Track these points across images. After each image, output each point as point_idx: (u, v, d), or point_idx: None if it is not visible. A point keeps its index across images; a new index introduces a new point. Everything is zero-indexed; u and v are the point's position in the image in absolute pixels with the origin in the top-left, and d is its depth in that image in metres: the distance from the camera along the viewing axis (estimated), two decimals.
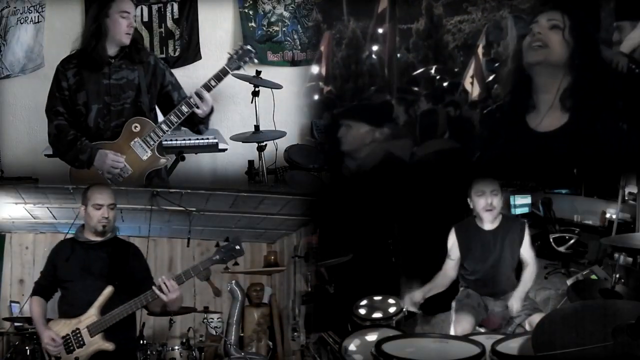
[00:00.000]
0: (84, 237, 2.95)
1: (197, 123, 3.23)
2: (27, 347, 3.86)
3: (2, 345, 4.24)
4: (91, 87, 3.11)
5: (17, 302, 4.76)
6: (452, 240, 3.08)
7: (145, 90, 3.19)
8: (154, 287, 2.73)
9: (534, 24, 2.16)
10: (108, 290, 2.80)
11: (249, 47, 3.26)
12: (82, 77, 3.12)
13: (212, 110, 3.21)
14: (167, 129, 3.12)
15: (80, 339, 2.77)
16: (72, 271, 2.87)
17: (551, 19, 2.14)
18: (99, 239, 2.92)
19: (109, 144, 3.13)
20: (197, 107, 3.10)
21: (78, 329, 2.78)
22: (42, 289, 2.97)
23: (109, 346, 2.77)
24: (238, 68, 3.23)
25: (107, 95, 3.13)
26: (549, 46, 2.13)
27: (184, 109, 3.10)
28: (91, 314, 2.78)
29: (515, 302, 2.89)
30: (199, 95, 3.09)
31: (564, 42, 2.12)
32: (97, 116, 3.13)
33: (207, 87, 3.12)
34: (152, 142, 3.14)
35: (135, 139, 3.13)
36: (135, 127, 3.14)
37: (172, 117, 3.11)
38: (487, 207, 2.96)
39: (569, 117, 2.13)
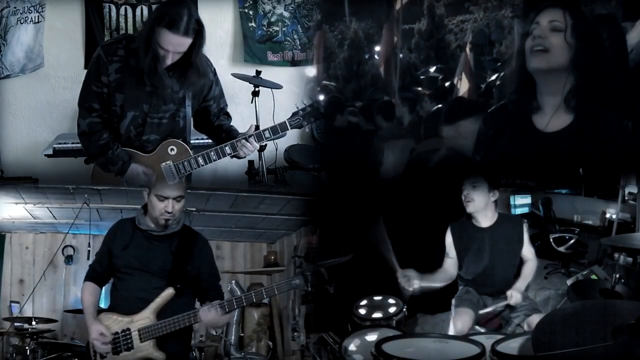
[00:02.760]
0: (146, 224, 2.63)
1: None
2: (27, 347, 3.86)
3: (2, 345, 4.25)
4: (131, 92, 2.78)
5: (17, 302, 4.77)
6: (449, 239, 3.09)
7: (188, 104, 2.93)
8: (200, 312, 2.50)
9: (534, 25, 2.13)
10: (167, 292, 2.54)
11: (318, 106, 3.03)
12: (125, 77, 2.76)
13: None
14: (203, 163, 2.90)
15: (129, 341, 2.52)
16: (129, 263, 2.59)
17: (552, 19, 2.10)
18: (162, 230, 2.63)
19: (140, 155, 2.88)
20: (242, 153, 2.91)
21: (129, 329, 2.53)
22: (96, 275, 2.70)
23: (158, 356, 2.51)
24: (300, 127, 3.01)
25: (147, 104, 2.81)
26: (550, 51, 2.09)
27: (228, 150, 2.89)
28: (146, 316, 2.52)
29: (514, 292, 2.90)
30: (247, 141, 2.88)
31: (566, 45, 2.09)
32: (130, 124, 2.82)
33: (260, 137, 2.90)
34: (183, 172, 2.90)
35: (168, 162, 2.89)
36: (172, 149, 2.90)
37: (212, 154, 2.89)
38: (465, 199, 2.98)
39: (574, 116, 2.12)
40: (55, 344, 4.03)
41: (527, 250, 3.08)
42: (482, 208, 3.00)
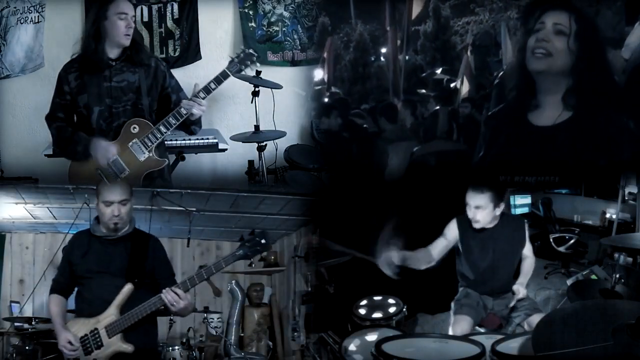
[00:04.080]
0: (100, 231, 2.82)
1: (189, 124, 3.24)
2: (27, 347, 3.86)
3: (2, 345, 4.25)
4: (92, 89, 3.13)
5: (17, 302, 4.76)
6: (452, 227, 3.07)
7: (145, 93, 3.19)
8: (161, 295, 2.63)
9: (539, 24, 2.12)
10: (127, 288, 2.69)
11: (250, 50, 3.30)
12: (84, 80, 3.14)
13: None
14: (165, 130, 3.13)
15: (98, 340, 2.67)
16: (89, 268, 2.76)
17: (557, 22, 2.09)
18: (115, 234, 2.81)
19: (108, 142, 3.14)
20: (195, 110, 3.12)
21: (96, 329, 2.68)
22: (59, 287, 2.86)
23: (127, 348, 2.66)
24: (239, 71, 3.27)
25: (109, 97, 3.14)
26: (552, 55, 2.09)
27: (182, 111, 3.11)
28: (110, 314, 2.68)
29: (520, 288, 2.94)
30: (197, 98, 3.11)
31: (568, 50, 2.08)
32: (99, 118, 3.15)
33: (207, 89, 3.14)
34: (149, 144, 3.14)
35: (134, 140, 3.14)
36: (134, 128, 3.14)
37: (170, 119, 3.12)
38: (473, 220, 2.97)
39: (572, 113, 2.12)
40: (55, 344, 4.00)
41: (527, 248, 3.10)
42: (488, 223, 2.99)
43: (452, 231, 3.07)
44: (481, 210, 2.93)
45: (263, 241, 2.69)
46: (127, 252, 2.78)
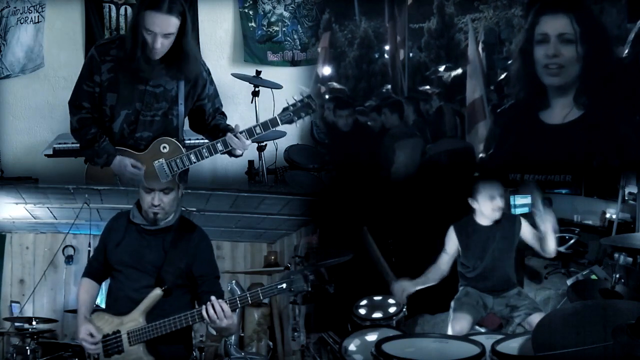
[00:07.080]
0: (139, 218, 2.53)
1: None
2: (27, 347, 3.87)
3: (2, 345, 4.25)
4: (124, 91, 2.79)
5: (17, 302, 4.77)
6: (451, 237, 3.09)
7: (182, 103, 2.89)
8: (202, 309, 2.31)
9: (541, 35, 2.08)
10: (154, 293, 2.40)
11: (309, 101, 2.97)
12: (117, 76, 2.78)
13: None
14: (195, 160, 2.89)
15: (119, 344, 2.41)
16: (121, 259, 2.48)
17: (562, 32, 2.06)
18: (153, 225, 2.51)
19: (133, 153, 2.87)
20: (234, 149, 2.88)
21: (119, 331, 2.41)
22: (93, 270, 2.62)
23: None
24: (290, 122, 2.97)
25: (140, 102, 2.81)
26: (565, 66, 2.07)
27: (219, 147, 2.86)
28: (134, 318, 2.40)
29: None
30: (238, 138, 2.85)
31: (577, 56, 2.06)
32: (123, 122, 2.83)
33: (251, 133, 2.89)
34: (175, 169, 2.89)
35: (161, 160, 2.88)
36: (164, 147, 2.88)
37: (204, 151, 2.87)
38: (496, 209, 2.99)
39: (584, 112, 2.11)
40: (56, 344, 4.03)
41: (532, 233, 3.06)
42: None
43: (451, 243, 3.09)
44: (503, 196, 2.97)
45: (312, 277, 2.40)
46: (164, 248, 2.48)
